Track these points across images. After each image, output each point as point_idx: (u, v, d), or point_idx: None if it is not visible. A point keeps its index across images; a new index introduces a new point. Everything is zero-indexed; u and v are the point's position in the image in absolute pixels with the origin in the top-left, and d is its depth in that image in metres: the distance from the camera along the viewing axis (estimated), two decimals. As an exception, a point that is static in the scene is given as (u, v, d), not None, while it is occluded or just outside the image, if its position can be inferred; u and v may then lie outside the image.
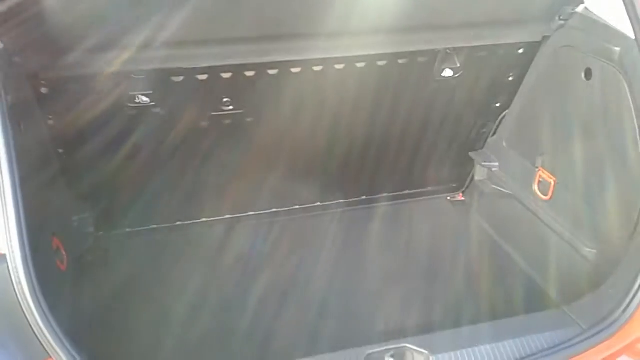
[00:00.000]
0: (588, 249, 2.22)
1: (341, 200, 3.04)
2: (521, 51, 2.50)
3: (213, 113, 2.35)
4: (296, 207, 2.98)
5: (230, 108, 2.35)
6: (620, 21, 2.07)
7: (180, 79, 2.17)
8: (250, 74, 2.23)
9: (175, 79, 2.17)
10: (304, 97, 2.40)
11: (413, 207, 3.13)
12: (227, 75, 2.21)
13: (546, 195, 2.47)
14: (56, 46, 1.94)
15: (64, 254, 2.11)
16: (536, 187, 2.52)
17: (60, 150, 2.29)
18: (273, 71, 2.25)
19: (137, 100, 2.19)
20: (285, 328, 2.36)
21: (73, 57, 1.98)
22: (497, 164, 2.83)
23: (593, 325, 1.80)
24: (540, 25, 2.41)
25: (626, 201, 2.03)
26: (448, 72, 2.48)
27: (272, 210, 2.94)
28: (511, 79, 2.63)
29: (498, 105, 2.76)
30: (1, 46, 1.78)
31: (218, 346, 2.28)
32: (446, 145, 2.89)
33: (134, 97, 2.19)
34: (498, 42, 2.42)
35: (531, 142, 2.57)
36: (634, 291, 1.76)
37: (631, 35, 1.96)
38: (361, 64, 2.33)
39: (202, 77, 2.19)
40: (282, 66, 2.24)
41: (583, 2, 2.32)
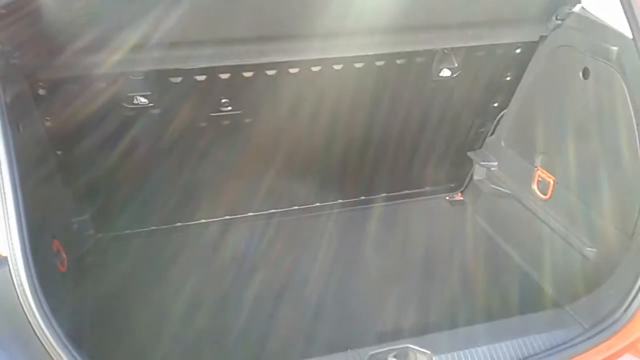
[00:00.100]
0: (588, 248, 2.22)
1: (340, 200, 3.04)
2: (519, 51, 2.50)
3: (211, 114, 2.35)
4: (294, 208, 2.98)
5: (228, 109, 2.35)
6: (617, 20, 2.07)
7: (178, 80, 2.17)
8: (248, 75, 2.23)
9: (173, 80, 2.17)
10: (302, 98, 2.40)
11: (411, 207, 3.14)
12: (225, 75, 2.21)
13: (545, 194, 2.47)
14: (54, 47, 1.94)
15: (64, 256, 2.10)
16: (535, 187, 2.53)
17: (58, 151, 2.28)
18: (271, 72, 2.24)
19: (135, 101, 2.19)
20: (282, 328, 2.36)
21: (71, 58, 1.97)
22: (496, 164, 2.83)
23: (594, 324, 1.81)
24: (537, 25, 2.41)
25: (626, 200, 2.04)
26: (446, 72, 2.49)
27: (271, 210, 2.94)
28: (509, 79, 2.64)
29: (496, 104, 2.76)
30: (-1, 47, 1.78)
31: (217, 346, 2.28)
32: (444, 145, 2.89)
33: (132, 98, 2.18)
34: (496, 42, 2.42)
35: (530, 142, 2.58)
36: (635, 290, 1.76)
37: (629, 34, 1.97)
38: (359, 64, 2.33)
39: (200, 78, 2.19)
40: (280, 67, 2.24)
41: (580, 2, 2.32)
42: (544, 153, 2.49)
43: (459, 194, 3.24)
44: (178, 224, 2.83)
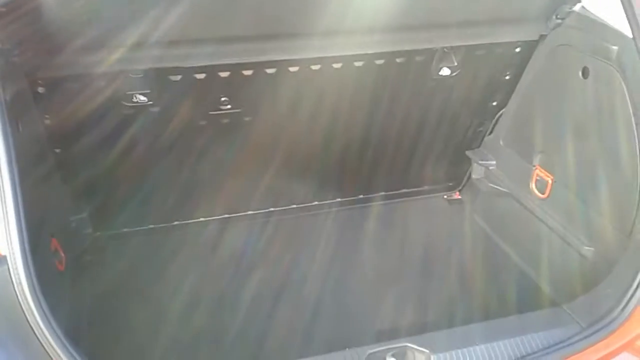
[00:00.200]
0: (586, 247, 2.22)
1: (338, 199, 3.05)
2: (518, 50, 2.50)
3: (211, 112, 2.35)
4: (293, 206, 2.98)
5: (228, 107, 2.35)
6: (617, 20, 2.07)
7: (177, 78, 2.16)
8: (248, 73, 2.23)
9: (172, 78, 2.16)
10: (302, 96, 2.40)
11: (410, 206, 3.14)
12: (225, 74, 2.20)
13: (543, 193, 2.47)
14: (54, 46, 1.93)
15: (62, 255, 2.10)
16: (533, 186, 2.53)
17: (57, 149, 2.28)
18: (271, 70, 2.24)
19: (135, 99, 2.19)
20: (280, 327, 2.37)
21: (70, 57, 1.97)
22: (494, 163, 2.83)
23: (592, 323, 1.81)
24: (537, 24, 2.41)
25: (624, 199, 2.04)
26: (445, 71, 2.49)
27: (270, 209, 2.94)
28: (508, 78, 2.64)
29: (495, 103, 2.76)
30: (-1, 46, 1.77)
31: (215, 345, 2.28)
32: (443, 143, 2.90)
33: (132, 96, 2.18)
34: (495, 41, 2.42)
35: (528, 141, 2.58)
36: (633, 289, 1.76)
37: (629, 34, 1.97)
38: (359, 63, 2.32)
39: (200, 76, 2.19)
40: (280, 65, 2.23)
41: (580, 1, 2.32)
42: (543, 152, 2.50)
43: (457, 193, 3.24)
44: (176, 223, 2.83)
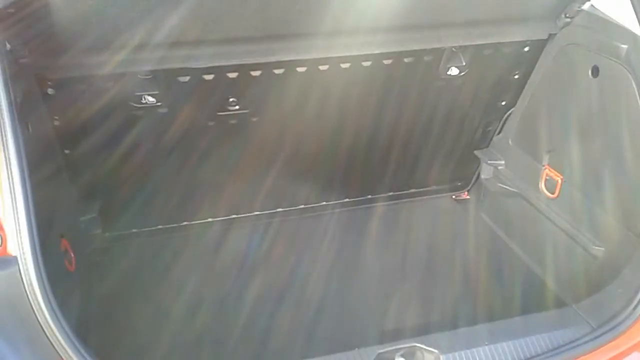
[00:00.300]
0: (596, 247, 2.21)
1: (345, 199, 3.05)
2: (527, 49, 2.49)
3: (219, 113, 2.35)
4: (300, 206, 2.98)
5: (236, 108, 2.35)
6: (627, 18, 2.07)
7: (186, 79, 2.17)
8: (256, 74, 2.23)
9: (181, 79, 2.17)
10: (309, 96, 2.39)
11: (417, 206, 3.14)
12: (233, 75, 2.21)
13: (553, 193, 2.46)
14: (62, 46, 1.94)
15: (72, 255, 2.11)
16: (543, 185, 2.52)
17: (66, 150, 2.29)
18: (279, 70, 2.24)
19: (144, 100, 2.19)
20: (284, 328, 2.37)
21: (79, 58, 1.98)
22: (503, 162, 2.83)
23: (602, 323, 1.80)
24: (546, 23, 2.40)
25: (634, 198, 2.03)
26: (454, 71, 2.48)
27: (277, 209, 2.94)
28: (517, 77, 2.63)
29: (504, 103, 2.75)
30: (8, 47, 1.77)
31: (220, 345, 2.29)
32: (451, 143, 2.89)
33: (140, 97, 2.18)
34: (504, 40, 2.41)
35: (537, 140, 2.57)
36: (643, 289, 1.76)
37: (638, 32, 1.96)
38: (367, 63, 2.32)
39: (208, 77, 2.19)
40: (288, 65, 2.23)
41: (589, 0, 2.32)
42: (552, 152, 2.48)
43: (466, 193, 3.24)
44: (184, 223, 2.83)
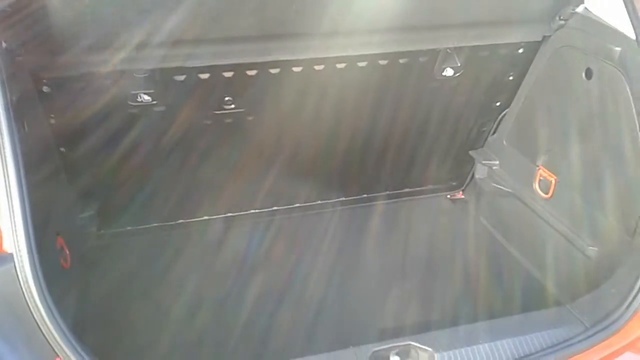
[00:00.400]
0: (590, 247, 2.23)
1: (342, 198, 3.05)
2: (521, 51, 2.51)
3: (215, 112, 2.35)
4: (296, 205, 2.98)
5: (231, 107, 2.35)
6: (620, 21, 2.08)
7: (182, 78, 2.17)
8: (251, 73, 2.23)
9: (177, 78, 2.17)
10: (305, 96, 2.40)
11: (413, 205, 3.15)
12: (229, 74, 2.21)
13: (547, 193, 2.48)
14: (58, 45, 1.94)
15: (67, 253, 2.11)
16: (537, 186, 2.53)
17: (62, 148, 2.29)
18: (274, 70, 2.25)
19: (139, 98, 2.19)
20: (283, 326, 2.37)
21: (75, 56, 1.98)
22: (497, 163, 2.84)
23: (596, 322, 1.81)
24: (540, 25, 2.41)
25: (627, 199, 2.05)
26: (449, 72, 2.49)
27: (273, 208, 2.95)
28: (511, 78, 2.64)
29: (498, 104, 2.77)
30: (4, 45, 1.77)
31: (219, 343, 2.29)
32: (446, 143, 2.90)
33: (136, 96, 2.18)
34: (498, 42, 2.42)
35: (532, 141, 2.58)
36: (637, 289, 1.77)
37: (631, 35, 1.98)
38: (362, 63, 2.33)
39: (204, 76, 2.19)
40: (284, 65, 2.24)
41: (583, 2, 2.33)
42: (546, 152, 2.50)
43: (461, 193, 3.25)
44: (181, 221, 2.83)
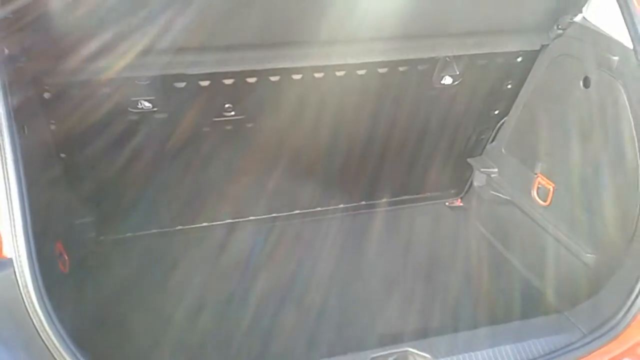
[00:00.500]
0: (587, 255, 2.24)
1: (341, 205, 3.05)
2: (520, 59, 2.52)
3: (215, 119, 2.36)
4: (296, 212, 2.99)
5: (231, 114, 2.36)
6: (618, 30, 2.09)
7: (182, 85, 2.18)
8: (251, 80, 2.24)
9: (177, 85, 2.18)
10: (305, 104, 2.41)
11: (412, 213, 3.15)
12: (229, 81, 2.22)
13: (545, 201, 2.49)
14: (60, 52, 1.95)
15: (66, 258, 2.11)
16: (535, 193, 2.54)
17: (62, 154, 2.29)
18: (274, 77, 2.26)
19: (140, 105, 2.20)
20: (284, 333, 2.37)
21: (76, 63, 1.98)
22: (496, 170, 2.85)
23: (593, 329, 1.82)
24: (539, 34, 2.43)
25: (624, 207, 2.05)
26: (447, 80, 2.50)
27: (272, 215, 2.95)
28: (510, 87, 2.65)
29: (497, 112, 2.78)
30: (6, 52, 1.78)
31: (219, 350, 2.29)
32: (445, 151, 2.91)
33: (137, 103, 2.19)
34: (497, 51, 2.44)
35: (530, 149, 2.59)
36: (634, 295, 1.78)
37: (629, 44, 1.99)
38: (362, 71, 2.34)
39: (204, 83, 2.20)
40: (284, 73, 2.25)
41: (581, 12, 2.34)
42: (544, 160, 2.51)
43: (459, 200, 3.26)
44: (180, 228, 2.83)
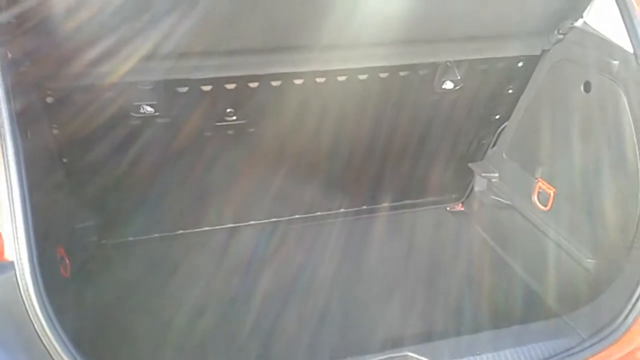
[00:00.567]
0: (588, 260, 2.23)
1: (342, 209, 3.06)
2: (521, 64, 2.53)
3: (216, 123, 2.37)
4: (297, 216, 2.99)
5: (233, 118, 2.37)
6: (618, 35, 2.10)
7: (184, 90, 2.19)
8: (253, 85, 2.25)
9: (180, 90, 2.19)
10: (307, 108, 2.42)
11: (413, 217, 3.15)
12: (231, 86, 2.23)
13: (545, 205, 2.49)
14: (62, 56, 1.96)
15: (68, 262, 2.12)
16: (535, 198, 2.54)
17: (64, 159, 2.30)
18: (276, 82, 2.27)
19: (142, 110, 2.21)
20: (285, 337, 2.37)
21: (78, 67, 1.99)
22: (497, 175, 2.85)
23: (593, 334, 1.82)
24: (539, 39, 2.43)
25: (625, 212, 2.05)
26: (448, 85, 2.51)
27: (274, 219, 2.96)
28: (511, 92, 2.66)
29: (498, 117, 2.78)
30: (9, 56, 1.79)
31: (220, 354, 2.29)
32: (446, 156, 2.91)
33: (139, 107, 2.20)
34: (498, 55, 2.44)
35: (531, 154, 2.60)
36: (634, 300, 1.78)
37: (629, 49, 1.99)
38: (363, 76, 2.35)
39: (206, 88, 2.21)
40: (285, 77, 2.26)
41: (582, 17, 2.35)
42: (545, 165, 2.51)
43: (460, 205, 3.26)
44: (181, 232, 2.84)
